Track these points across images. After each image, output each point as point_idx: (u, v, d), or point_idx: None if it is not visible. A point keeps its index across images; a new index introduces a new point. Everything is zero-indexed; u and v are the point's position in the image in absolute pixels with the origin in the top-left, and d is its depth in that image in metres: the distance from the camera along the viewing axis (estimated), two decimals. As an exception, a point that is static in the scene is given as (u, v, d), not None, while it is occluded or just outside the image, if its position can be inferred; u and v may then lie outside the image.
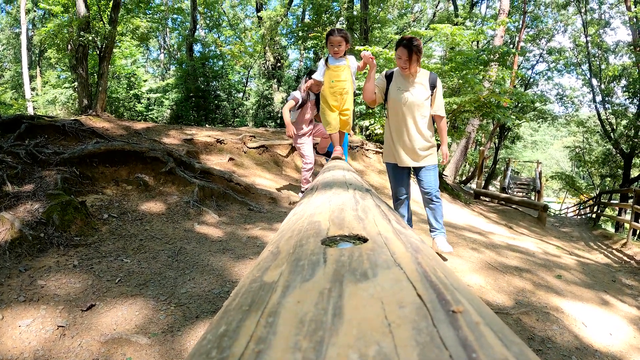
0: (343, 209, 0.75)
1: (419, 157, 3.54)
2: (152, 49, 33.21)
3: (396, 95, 3.47)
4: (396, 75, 3.55)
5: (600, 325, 3.06)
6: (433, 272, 0.41)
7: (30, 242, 2.93)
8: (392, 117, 3.59)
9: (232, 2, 27.71)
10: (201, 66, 19.17)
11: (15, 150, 4.23)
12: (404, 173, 3.73)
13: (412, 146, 3.51)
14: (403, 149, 3.55)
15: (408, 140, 3.51)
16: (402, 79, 3.49)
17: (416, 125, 3.48)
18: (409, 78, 3.45)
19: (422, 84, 3.45)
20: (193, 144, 6.59)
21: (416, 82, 3.44)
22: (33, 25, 25.47)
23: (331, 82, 3.63)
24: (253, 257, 3.37)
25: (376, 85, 3.61)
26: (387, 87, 3.58)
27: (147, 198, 4.37)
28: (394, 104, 3.51)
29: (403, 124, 3.50)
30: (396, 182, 3.78)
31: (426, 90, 3.45)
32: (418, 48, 3.27)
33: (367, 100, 3.67)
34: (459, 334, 0.28)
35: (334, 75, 3.62)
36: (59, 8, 12.95)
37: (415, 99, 3.41)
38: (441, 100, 3.57)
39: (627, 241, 7.70)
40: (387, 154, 3.75)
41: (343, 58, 3.64)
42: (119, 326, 2.22)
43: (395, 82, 3.53)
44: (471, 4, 23.93)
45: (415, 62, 3.32)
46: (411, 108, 3.43)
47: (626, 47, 19.74)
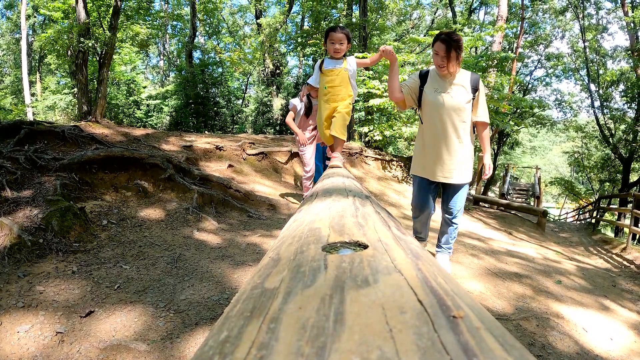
0: (343, 216, 0.76)
1: (454, 171, 3.11)
2: (151, 55, 33.37)
3: (433, 97, 3.06)
4: (432, 76, 3.14)
5: (600, 330, 3.06)
6: (433, 278, 0.41)
7: (29, 247, 2.93)
8: (427, 123, 3.15)
9: (232, 9, 27.85)
10: (200, 73, 19.25)
11: (15, 156, 4.23)
12: (432, 188, 3.32)
13: (448, 158, 3.09)
14: (437, 160, 3.13)
15: (445, 150, 3.08)
16: (440, 80, 3.09)
17: (456, 132, 3.05)
18: (447, 78, 3.05)
19: (463, 86, 3.05)
20: (192, 151, 6.60)
21: (455, 83, 3.05)
22: (33, 31, 25.58)
23: (324, 89, 3.22)
24: (252, 263, 3.37)
25: (407, 86, 3.20)
26: (420, 88, 3.16)
27: (147, 204, 4.37)
28: (429, 108, 3.09)
29: (440, 131, 3.06)
30: (421, 198, 3.35)
31: (467, 92, 3.04)
32: (458, 44, 2.91)
33: (395, 100, 3.27)
34: (460, 339, 0.28)
35: (328, 81, 3.20)
36: (59, 14, 13.03)
37: (455, 102, 3.01)
38: (485, 105, 3.15)
39: (627, 246, 7.69)
40: (417, 165, 3.32)
41: (341, 60, 3.19)
42: (118, 333, 2.21)
43: (431, 83, 3.11)
44: (469, 10, 24.08)
45: (454, 60, 2.94)
46: (450, 112, 3.02)
47: (624, 52, 19.87)
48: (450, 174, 3.13)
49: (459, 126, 3.05)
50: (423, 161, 3.25)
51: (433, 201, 3.40)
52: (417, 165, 3.32)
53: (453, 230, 3.43)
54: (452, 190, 3.24)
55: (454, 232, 3.46)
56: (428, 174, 3.22)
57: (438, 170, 3.14)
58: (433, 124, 3.10)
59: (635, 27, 15.81)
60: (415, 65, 10.09)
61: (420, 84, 3.18)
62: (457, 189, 3.21)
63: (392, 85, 3.19)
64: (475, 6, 24.52)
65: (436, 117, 3.07)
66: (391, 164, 10.08)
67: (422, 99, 3.14)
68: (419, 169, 3.30)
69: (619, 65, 21.20)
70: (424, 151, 3.23)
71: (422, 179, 3.30)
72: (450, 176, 3.13)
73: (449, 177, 3.13)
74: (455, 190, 3.23)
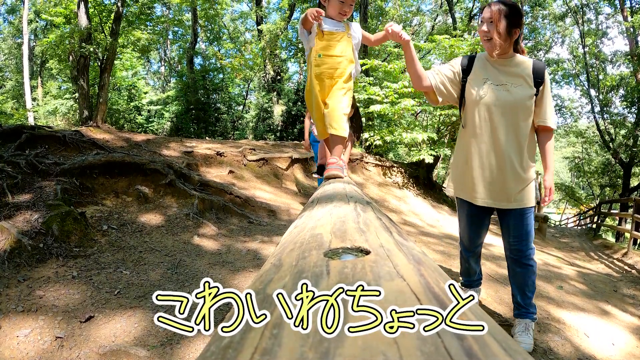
0: (345, 222, 0.76)
1: (512, 193, 2.34)
2: (152, 61, 33.50)
3: (482, 91, 2.32)
4: (480, 63, 2.39)
5: (602, 335, 3.04)
6: (436, 284, 0.41)
7: (29, 252, 2.93)
8: (473, 127, 2.39)
9: (233, 15, 27.97)
10: (201, 79, 19.31)
11: (16, 160, 4.24)
12: (484, 215, 2.57)
13: (504, 175, 2.32)
14: (489, 179, 2.36)
15: (497, 165, 2.32)
16: (491, 68, 2.34)
17: (516, 138, 2.30)
18: (503, 66, 2.32)
19: (523, 76, 2.29)
20: (193, 157, 6.60)
21: (514, 73, 2.30)
22: (35, 36, 25.70)
23: (317, 57, 2.30)
24: (253, 269, 3.36)
25: (440, 74, 2.44)
26: (463, 80, 2.43)
27: (147, 210, 4.37)
28: (477, 106, 2.35)
29: (492, 138, 2.32)
30: (470, 227, 2.64)
31: (529, 85, 2.28)
32: (512, 9, 2.20)
33: (421, 89, 2.49)
34: (463, 344, 0.28)
35: (323, 47, 2.30)
36: (61, 19, 13.09)
37: (514, 99, 2.27)
38: (551, 104, 2.36)
39: (628, 250, 7.68)
40: (460, 184, 2.55)
41: (342, 23, 2.37)
42: (118, 338, 2.21)
43: (478, 73, 2.37)
44: (469, 16, 24.15)
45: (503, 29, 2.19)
46: (507, 112, 2.28)
47: (624, 57, 19.91)
48: (508, 196, 2.36)
49: (519, 131, 2.30)
50: (467, 180, 2.46)
51: (485, 234, 2.69)
52: (460, 184, 2.56)
53: (525, 273, 2.48)
54: (514, 218, 2.42)
55: (530, 277, 2.48)
56: (476, 198, 2.44)
57: (491, 193, 2.38)
58: (482, 129, 2.34)
59: (634, 31, 15.86)
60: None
61: (463, 74, 2.43)
62: (521, 215, 2.41)
63: (412, 73, 2.40)
64: (475, 12, 24.58)
65: (487, 119, 2.32)
66: (392, 170, 10.08)
67: (466, 93, 2.41)
68: (462, 191, 2.54)
69: (618, 70, 21.25)
70: (469, 166, 2.43)
71: (467, 203, 2.54)
72: (509, 200, 2.36)
73: (506, 199, 2.37)
74: (518, 218, 2.41)
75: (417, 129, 9.07)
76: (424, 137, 8.41)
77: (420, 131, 8.76)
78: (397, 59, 14.00)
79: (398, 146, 13.28)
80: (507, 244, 2.53)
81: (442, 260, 4.49)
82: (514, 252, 2.48)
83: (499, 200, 2.38)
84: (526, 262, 2.46)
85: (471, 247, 2.75)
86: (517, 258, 2.47)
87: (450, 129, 10.04)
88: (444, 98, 2.47)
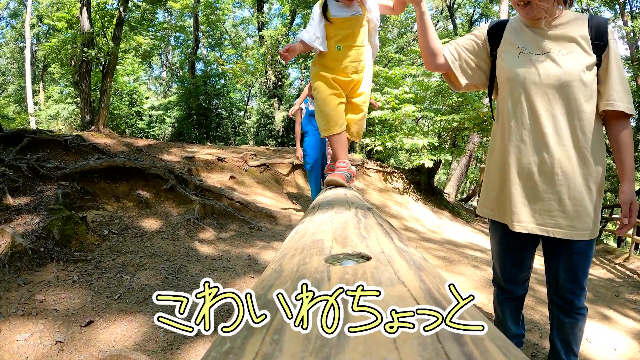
0: (346, 227, 0.76)
1: (569, 215, 1.61)
2: (154, 66, 33.61)
3: (518, 65, 1.65)
4: (512, 28, 1.73)
5: (604, 340, 3.03)
6: (436, 289, 0.41)
7: (30, 255, 2.93)
8: (506, 118, 1.71)
9: (234, 21, 28.09)
10: (203, 84, 19.36)
11: (17, 164, 4.25)
12: (527, 244, 1.82)
13: (555, 189, 1.61)
14: (532, 194, 1.65)
15: (545, 172, 1.62)
16: (528, 32, 1.68)
17: (573, 131, 1.60)
18: (545, 29, 1.63)
19: (575, 39, 1.60)
20: (194, 162, 6.61)
21: (560, 36, 1.61)
22: (37, 40, 25.81)
23: (336, 50, 1.93)
24: (254, 275, 3.36)
25: (459, 48, 1.80)
26: (493, 53, 1.76)
27: (148, 215, 4.37)
28: (511, 88, 1.67)
29: (535, 133, 1.62)
30: (505, 257, 1.90)
31: (585, 52, 1.58)
32: None
33: (433, 70, 1.85)
34: (464, 349, 0.28)
35: (341, 38, 1.91)
36: (63, 24, 13.16)
37: (563, 71, 1.57)
38: (622, 77, 1.59)
39: (630, 255, 7.66)
40: (491, 201, 1.84)
41: (356, 4, 1.92)
42: (118, 343, 2.20)
43: (511, 41, 1.70)
44: (470, 22, 24.27)
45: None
46: (555, 92, 1.58)
47: (624, 61, 19.94)
48: (559, 218, 1.63)
49: (576, 121, 1.59)
50: (502, 196, 1.76)
51: (528, 269, 1.92)
52: (491, 201, 1.84)
53: (578, 326, 1.83)
54: (569, 252, 1.71)
55: (581, 330, 1.84)
56: (513, 222, 1.69)
57: (535, 215, 1.66)
58: (519, 120, 1.65)
59: (634, 36, 15.90)
60: (416, 78, 10.13)
61: (491, 45, 1.77)
62: (578, 247, 1.69)
63: (424, 47, 1.76)
64: (476, 18, 24.72)
65: (525, 105, 1.63)
66: (393, 175, 10.08)
67: (497, 71, 1.75)
68: (494, 210, 1.82)
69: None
70: (505, 176, 1.73)
71: (501, 227, 1.82)
72: (560, 223, 1.63)
73: (558, 226, 1.64)
74: (576, 251, 1.70)
75: (418, 135, 9.07)
76: (424, 142, 8.42)
77: (421, 137, 8.76)
78: (398, 65, 14.04)
79: (399, 152, 13.28)
80: (553, 284, 1.83)
81: (443, 266, 4.48)
82: (563, 298, 1.80)
83: (547, 225, 1.65)
84: (579, 312, 1.80)
85: (508, 283, 1.94)
86: (567, 306, 1.80)
87: (451, 134, 10.05)
88: (468, 80, 1.80)
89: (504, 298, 2.00)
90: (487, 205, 1.87)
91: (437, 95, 9.66)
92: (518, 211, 1.67)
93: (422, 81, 9.40)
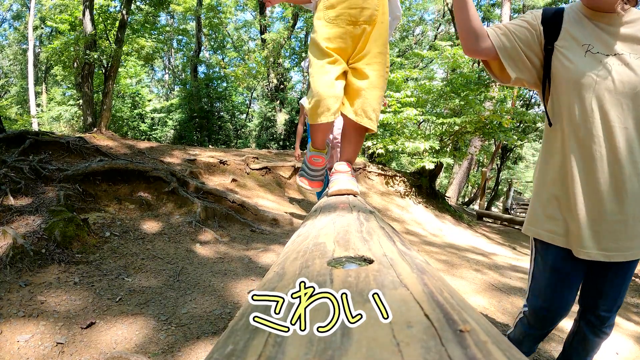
0: (348, 231, 0.76)
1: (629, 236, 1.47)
2: (156, 69, 33.73)
3: (582, 65, 1.43)
4: (573, 20, 1.49)
5: (606, 344, 3.02)
6: (439, 293, 0.41)
7: (31, 257, 2.93)
8: (568, 126, 1.50)
9: (237, 24, 28.18)
10: (205, 87, 19.44)
11: (19, 166, 4.26)
12: (578, 270, 1.60)
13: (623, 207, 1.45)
14: (598, 215, 1.46)
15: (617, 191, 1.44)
16: (593, 28, 1.46)
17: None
18: (611, 25, 1.44)
19: None
20: (196, 165, 6.62)
21: (631, 36, 1.43)
22: (40, 42, 25.93)
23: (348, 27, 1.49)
24: (255, 278, 3.35)
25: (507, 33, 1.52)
26: (548, 47, 1.50)
27: (150, 217, 4.37)
28: (577, 92, 1.45)
29: (607, 146, 1.43)
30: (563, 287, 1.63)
31: None
32: None
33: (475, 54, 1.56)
34: (467, 352, 0.28)
35: (354, 13, 1.45)
36: (66, 26, 13.23)
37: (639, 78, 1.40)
38: None
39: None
40: (549, 222, 1.58)
41: None
42: (119, 345, 2.20)
43: (574, 36, 1.47)
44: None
45: None
46: (630, 101, 1.41)
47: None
48: (621, 241, 1.48)
49: None
50: (564, 215, 1.55)
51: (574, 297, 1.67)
52: (548, 220, 1.59)
53: (599, 344, 1.78)
54: (618, 274, 1.59)
55: (599, 347, 1.81)
56: (577, 246, 1.51)
57: (598, 236, 1.48)
58: (588, 130, 1.45)
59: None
60: (418, 81, 10.15)
61: (546, 36, 1.51)
62: (629, 266, 1.58)
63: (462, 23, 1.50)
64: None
65: (596, 115, 1.43)
66: (394, 179, 10.08)
67: (554, 69, 1.50)
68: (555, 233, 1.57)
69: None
70: (567, 193, 1.52)
71: (558, 252, 1.58)
72: (621, 247, 1.48)
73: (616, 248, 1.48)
74: (625, 269, 1.58)
75: (419, 138, 9.07)
76: (425, 146, 8.43)
77: (423, 140, 8.76)
78: (399, 68, 14.06)
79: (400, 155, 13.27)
80: (590, 301, 1.68)
81: (445, 270, 4.47)
82: (597, 315, 1.67)
83: (609, 250, 1.47)
84: (607, 331, 1.72)
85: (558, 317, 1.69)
86: (598, 322, 1.68)
87: (452, 138, 10.05)
88: (516, 72, 1.53)
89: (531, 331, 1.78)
90: (544, 226, 1.59)
91: (439, 98, 9.67)
92: (584, 234, 1.47)
93: (424, 85, 9.41)
